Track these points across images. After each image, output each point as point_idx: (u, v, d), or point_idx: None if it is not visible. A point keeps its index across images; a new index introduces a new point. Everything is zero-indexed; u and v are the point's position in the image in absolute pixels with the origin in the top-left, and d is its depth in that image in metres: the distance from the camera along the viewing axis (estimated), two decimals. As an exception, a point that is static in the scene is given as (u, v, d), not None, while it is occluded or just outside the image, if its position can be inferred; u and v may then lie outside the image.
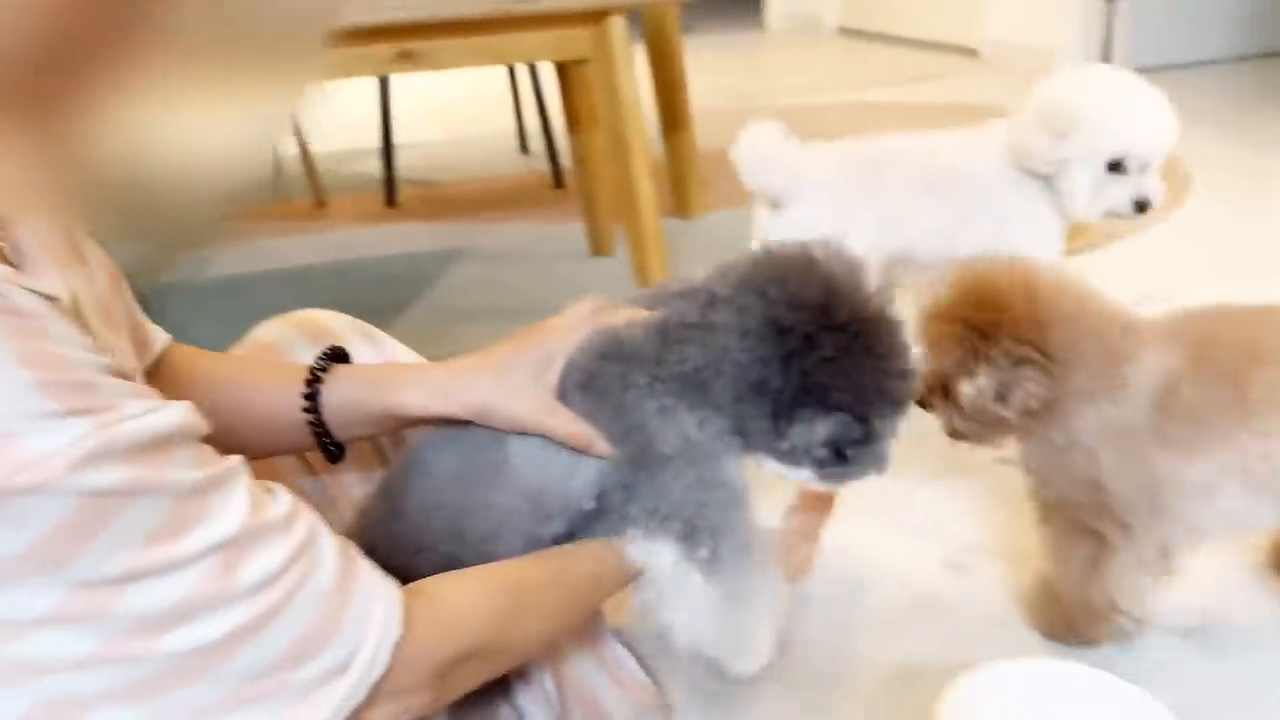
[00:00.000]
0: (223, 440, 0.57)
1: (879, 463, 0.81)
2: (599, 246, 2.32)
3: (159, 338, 0.82)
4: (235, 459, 0.57)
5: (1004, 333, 0.97)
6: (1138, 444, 0.97)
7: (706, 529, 0.80)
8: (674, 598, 0.83)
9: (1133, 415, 0.97)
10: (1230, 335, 0.99)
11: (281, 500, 0.59)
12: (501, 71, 3.19)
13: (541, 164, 2.96)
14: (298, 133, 2.85)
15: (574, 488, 0.80)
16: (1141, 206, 1.39)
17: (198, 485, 0.53)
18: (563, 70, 2.24)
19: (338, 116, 3.70)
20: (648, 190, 1.86)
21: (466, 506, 0.82)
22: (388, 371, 0.91)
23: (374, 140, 2.85)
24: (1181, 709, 0.80)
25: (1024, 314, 0.97)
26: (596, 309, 0.85)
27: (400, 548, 0.79)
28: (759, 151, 1.46)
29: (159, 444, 0.51)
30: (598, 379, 0.79)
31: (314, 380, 0.81)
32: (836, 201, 1.47)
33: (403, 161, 2.92)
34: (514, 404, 0.79)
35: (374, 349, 0.97)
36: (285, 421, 0.81)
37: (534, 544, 0.81)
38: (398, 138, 2.85)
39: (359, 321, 0.98)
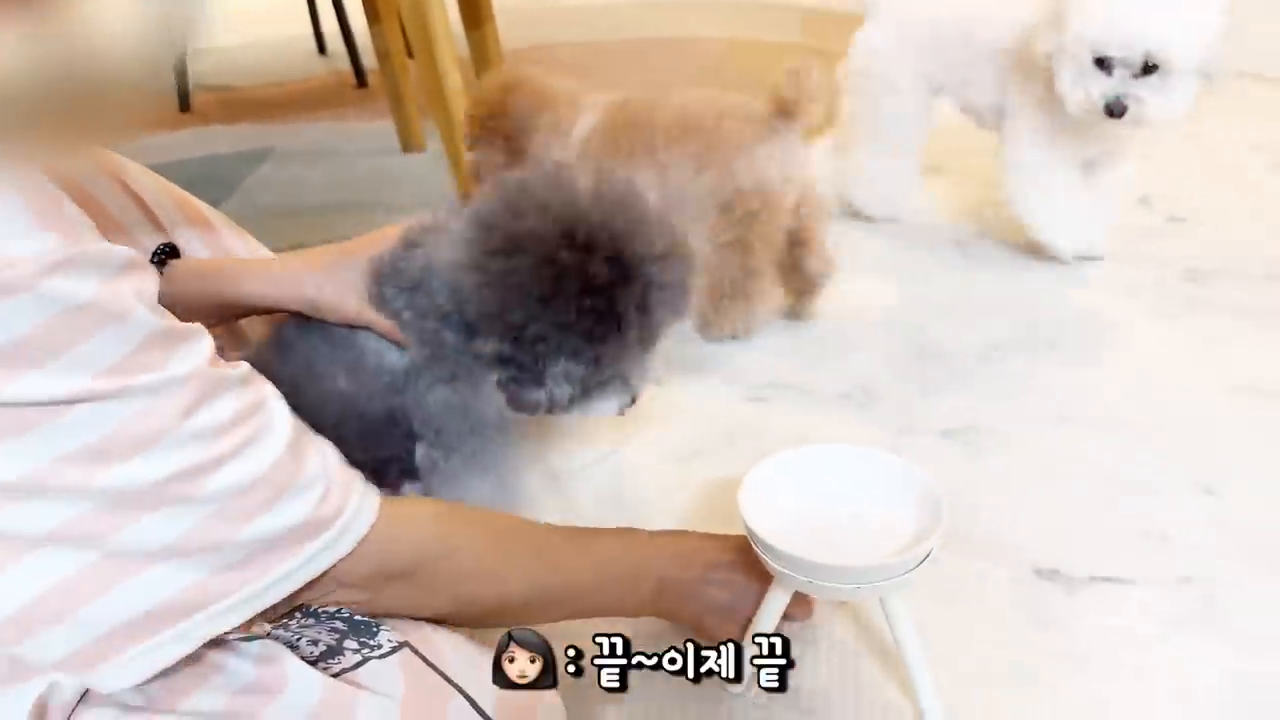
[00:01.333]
0: None
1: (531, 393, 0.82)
2: (409, 142, 2.30)
3: None
4: (198, 325, 0.58)
5: (485, 120, 1.43)
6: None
7: (443, 443, 0.90)
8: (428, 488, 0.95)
9: (571, 156, 1.37)
10: (628, 106, 1.38)
11: (241, 365, 0.60)
12: (293, -28, 3.08)
13: (342, 64, 2.89)
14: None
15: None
16: (1111, 110, 1.31)
17: (160, 330, 0.53)
18: (360, -40, 2.19)
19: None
20: (455, 81, 1.85)
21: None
22: (227, 264, 0.93)
23: (161, 46, 2.71)
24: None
25: (497, 107, 1.42)
26: None
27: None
28: None
29: (120, 272, 0.52)
30: (372, 298, 0.86)
31: None
32: (898, 27, 1.64)
33: (198, 67, 2.80)
34: (341, 299, 0.85)
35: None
36: None
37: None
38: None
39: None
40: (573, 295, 0.76)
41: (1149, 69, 1.29)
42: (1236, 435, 1.19)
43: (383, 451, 0.92)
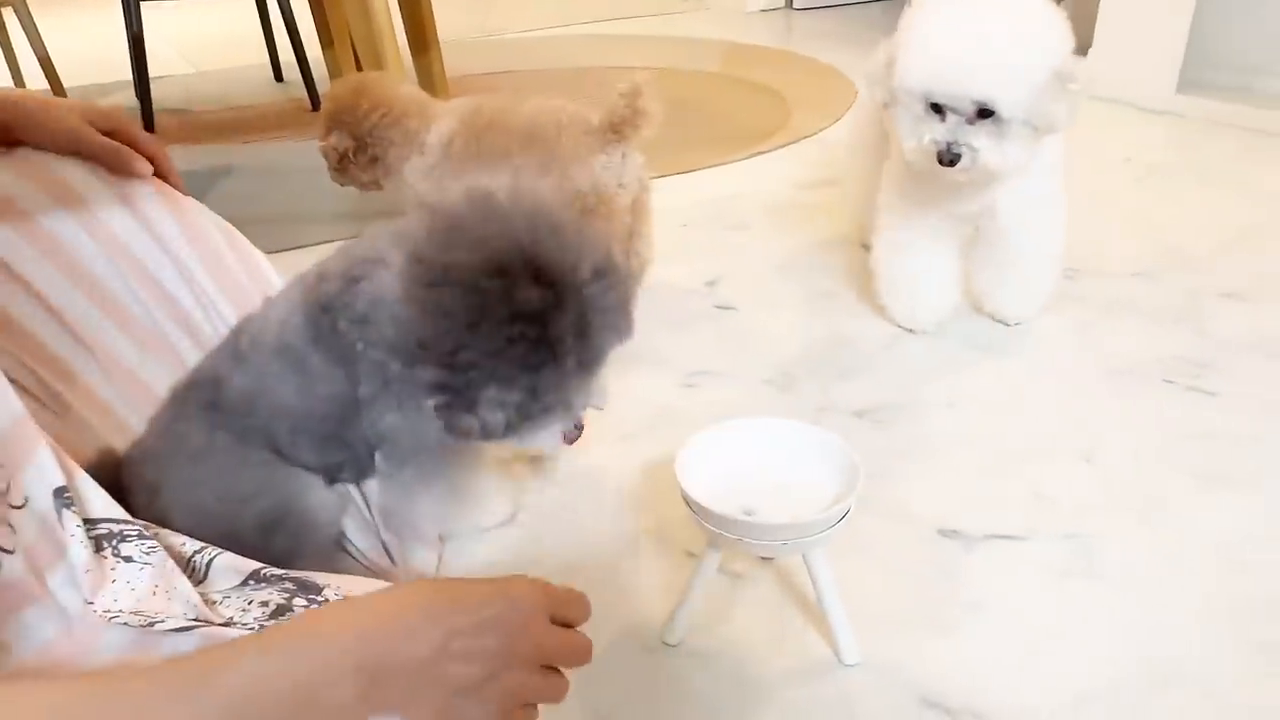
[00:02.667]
0: None
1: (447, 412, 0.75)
2: (360, 160, 2.27)
3: None
4: None
5: (341, 126, 1.47)
6: (438, 177, 1.43)
7: (396, 456, 0.88)
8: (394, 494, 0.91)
9: (433, 160, 1.43)
10: (483, 112, 1.41)
11: None
12: (251, 8, 3.01)
13: (298, 91, 2.83)
14: (46, 65, 2.60)
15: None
16: (941, 158, 1.13)
17: None
18: (314, -9, 2.16)
19: (87, 52, 3.38)
20: (404, 100, 1.84)
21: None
22: None
23: (125, 74, 2.63)
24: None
25: (347, 105, 1.46)
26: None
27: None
28: None
29: None
30: (322, 329, 0.81)
31: None
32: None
33: (158, 93, 2.71)
34: (58, 121, 0.82)
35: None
36: None
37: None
38: (152, 72, 2.64)
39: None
40: (501, 322, 0.69)
41: (984, 114, 1.12)
42: (1109, 409, 1.23)
43: (334, 458, 0.89)
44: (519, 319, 0.69)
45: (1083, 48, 1.18)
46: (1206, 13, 2.33)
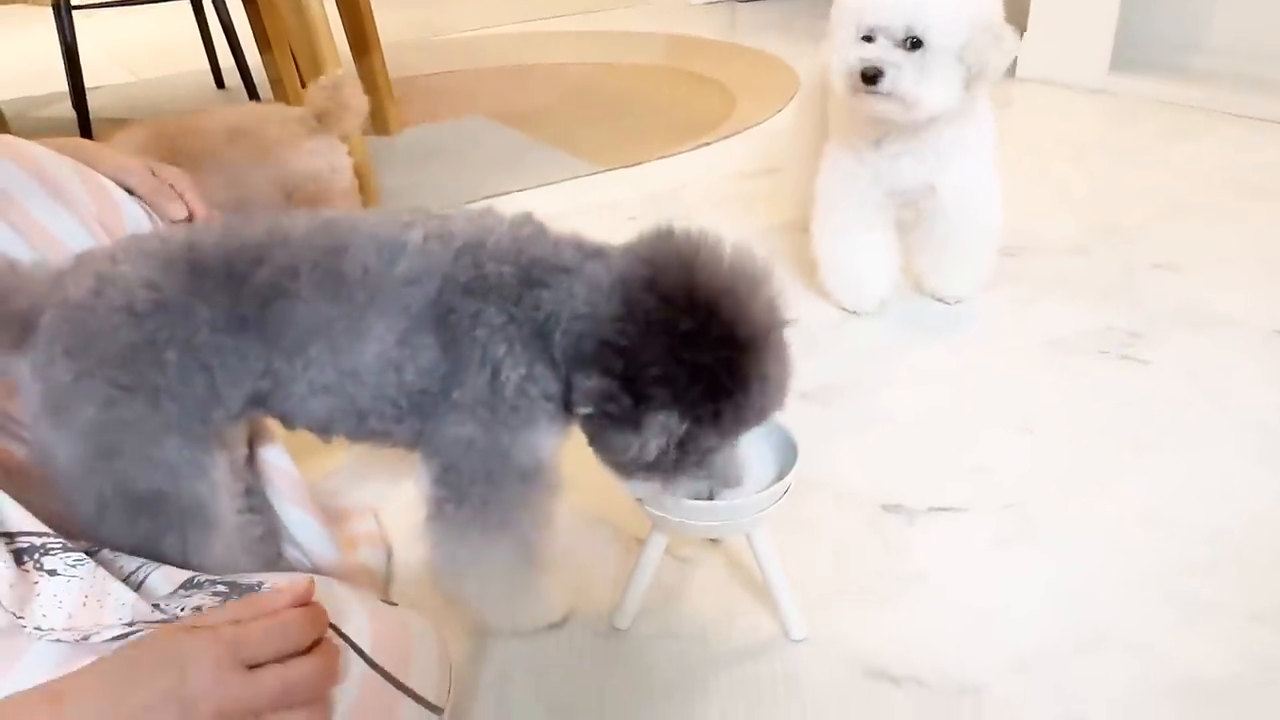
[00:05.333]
0: None
1: (628, 441, 0.71)
2: (305, 164, 2.25)
3: None
4: None
5: None
6: None
7: (450, 484, 0.77)
8: (444, 539, 0.80)
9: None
10: (169, 126, 1.36)
11: None
12: (188, 14, 2.98)
13: (240, 97, 2.80)
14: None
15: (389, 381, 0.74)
16: (866, 75, 1.18)
17: None
18: (249, -4, 2.14)
19: (21, 64, 3.32)
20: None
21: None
22: None
23: (62, 85, 2.59)
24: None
25: None
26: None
27: None
28: None
29: None
30: (454, 313, 0.72)
31: None
32: None
33: (96, 104, 2.67)
34: (103, 159, 0.84)
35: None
36: None
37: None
38: (88, 82, 2.60)
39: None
40: (698, 354, 0.69)
41: (914, 45, 1.18)
42: (1047, 382, 1.26)
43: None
44: (715, 358, 0.69)
45: (1018, 31, 1.24)
46: (1135, -8, 2.39)
